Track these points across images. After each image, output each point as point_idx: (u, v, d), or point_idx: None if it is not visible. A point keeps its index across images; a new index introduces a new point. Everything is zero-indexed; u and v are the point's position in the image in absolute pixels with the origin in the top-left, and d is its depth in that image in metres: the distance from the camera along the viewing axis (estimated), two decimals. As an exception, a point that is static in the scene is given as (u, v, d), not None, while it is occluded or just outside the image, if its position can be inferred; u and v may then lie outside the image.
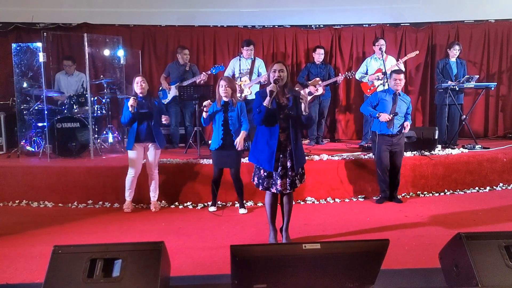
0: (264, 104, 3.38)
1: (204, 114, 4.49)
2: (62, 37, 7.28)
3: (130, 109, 4.54)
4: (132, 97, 4.57)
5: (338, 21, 7.79)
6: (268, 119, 3.41)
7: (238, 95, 6.18)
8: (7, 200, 5.09)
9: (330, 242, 3.36)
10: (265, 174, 3.52)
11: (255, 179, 3.62)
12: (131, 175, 4.74)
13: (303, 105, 3.40)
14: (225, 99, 4.47)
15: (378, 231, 4.03)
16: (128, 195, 4.79)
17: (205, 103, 4.47)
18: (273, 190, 3.53)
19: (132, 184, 4.77)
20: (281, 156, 3.47)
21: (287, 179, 3.49)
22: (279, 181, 3.47)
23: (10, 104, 6.41)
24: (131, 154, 4.71)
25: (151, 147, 4.75)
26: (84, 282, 2.22)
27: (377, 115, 4.90)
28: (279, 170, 3.47)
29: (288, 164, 3.48)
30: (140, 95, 4.67)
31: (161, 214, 4.76)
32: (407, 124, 4.90)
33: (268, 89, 3.39)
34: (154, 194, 4.85)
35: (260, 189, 3.60)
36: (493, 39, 7.74)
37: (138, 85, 4.66)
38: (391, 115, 4.84)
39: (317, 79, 6.76)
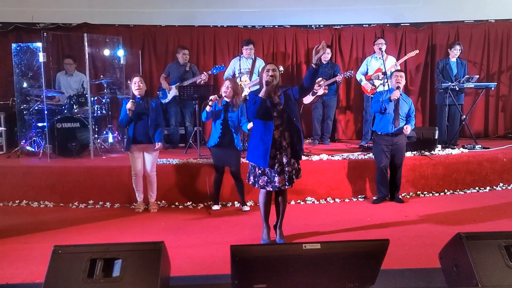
0: (260, 95, 3.40)
1: (207, 108, 4.59)
2: (62, 37, 7.27)
3: (128, 112, 4.56)
4: (131, 101, 4.57)
5: (338, 21, 7.79)
6: (263, 112, 3.42)
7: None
8: (7, 200, 5.09)
9: (330, 242, 3.32)
10: (260, 171, 3.52)
11: (251, 178, 3.61)
12: (133, 176, 4.77)
13: (315, 57, 3.21)
14: (225, 99, 4.56)
15: (378, 231, 4.03)
16: (138, 196, 4.83)
17: (211, 97, 4.58)
18: (269, 188, 3.52)
19: (137, 184, 4.80)
20: (277, 153, 3.47)
21: (285, 175, 3.49)
22: (277, 178, 3.46)
23: (10, 104, 6.42)
24: (130, 155, 4.74)
25: (148, 148, 4.74)
26: (84, 282, 2.22)
27: (388, 98, 4.84)
28: (276, 167, 3.47)
29: (284, 160, 3.48)
30: (138, 95, 4.66)
31: (161, 214, 4.76)
32: (407, 127, 4.87)
33: (263, 80, 3.43)
34: (152, 195, 4.85)
35: (256, 187, 3.60)
36: (493, 39, 7.74)
37: (136, 85, 4.65)
38: (398, 91, 4.83)
39: (319, 79, 6.74)
